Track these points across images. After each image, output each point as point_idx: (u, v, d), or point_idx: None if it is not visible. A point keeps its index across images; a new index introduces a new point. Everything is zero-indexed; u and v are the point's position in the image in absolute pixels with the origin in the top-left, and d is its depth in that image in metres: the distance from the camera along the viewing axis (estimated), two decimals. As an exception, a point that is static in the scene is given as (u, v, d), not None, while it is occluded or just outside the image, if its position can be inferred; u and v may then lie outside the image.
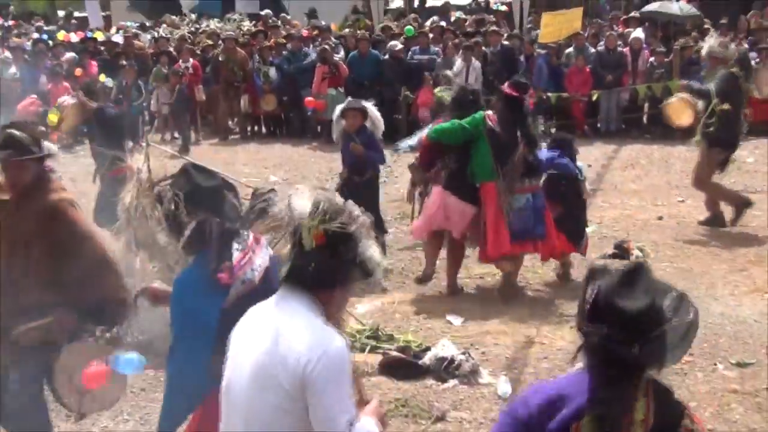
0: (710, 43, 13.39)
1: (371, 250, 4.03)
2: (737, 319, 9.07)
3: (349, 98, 11.42)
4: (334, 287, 3.99)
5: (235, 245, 5.07)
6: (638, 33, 19.99)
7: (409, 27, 21.93)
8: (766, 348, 8.27)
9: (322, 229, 3.89)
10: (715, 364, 7.97)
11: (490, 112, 9.86)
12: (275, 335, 3.86)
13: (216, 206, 5.22)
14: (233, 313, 4.61)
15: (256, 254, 5.16)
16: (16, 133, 5.64)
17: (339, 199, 4.08)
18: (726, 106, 11.80)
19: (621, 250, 11.11)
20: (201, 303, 4.95)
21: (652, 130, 18.84)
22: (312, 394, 3.73)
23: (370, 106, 11.01)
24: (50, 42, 23.82)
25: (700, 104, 12.18)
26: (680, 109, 12.68)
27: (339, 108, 11.04)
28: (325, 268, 3.92)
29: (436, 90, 13.97)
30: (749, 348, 8.30)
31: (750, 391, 7.43)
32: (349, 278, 4.04)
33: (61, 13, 33.00)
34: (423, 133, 10.85)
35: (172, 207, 5.07)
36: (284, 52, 20.79)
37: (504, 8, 26.07)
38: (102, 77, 20.54)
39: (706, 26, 20.23)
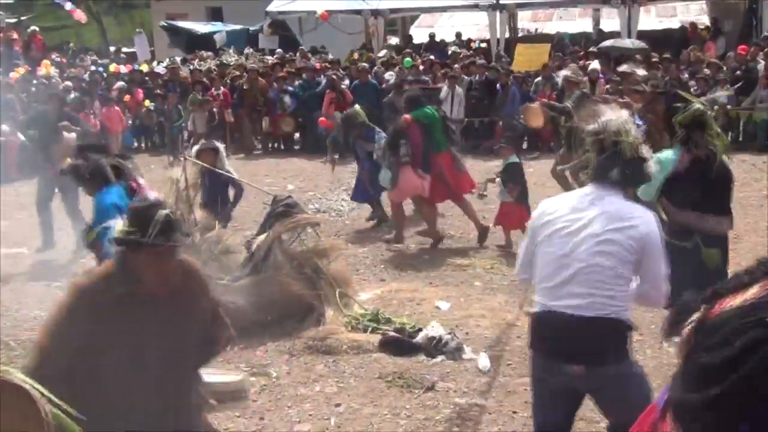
0: (565, 71, 14.90)
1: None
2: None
3: (203, 141, 11.36)
4: (635, 185, 4.90)
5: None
6: (595, 65, 19.99)
7: (407, 59, 21.99)
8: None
9: (636, 143, 4.54)
10: (662, 342, 7.93)
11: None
12: (611, 216, 4.40)
13: (101, 149, 6.44)
14: None
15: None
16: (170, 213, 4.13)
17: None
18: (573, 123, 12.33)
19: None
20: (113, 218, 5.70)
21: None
22: (649, 255, 4.37)
23: (221, 146, 10.91)
24: (104, 73, 23.88)
25: (561, 119, 13.27)
26: (534, 113, 14.09)
27: (195, 149, 10.82)
28: (637, 172, 4.58)
29: (356, 106, 13.90)
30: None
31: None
32: (641, 179, 4.76)
33: (112, 49, 32.99)
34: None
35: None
36: (300, 81, 20.94)
37: (483, 45, 26.11)
38: (147, 102, 20.69)
39: (654, 59, 20.21)
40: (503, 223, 11.35)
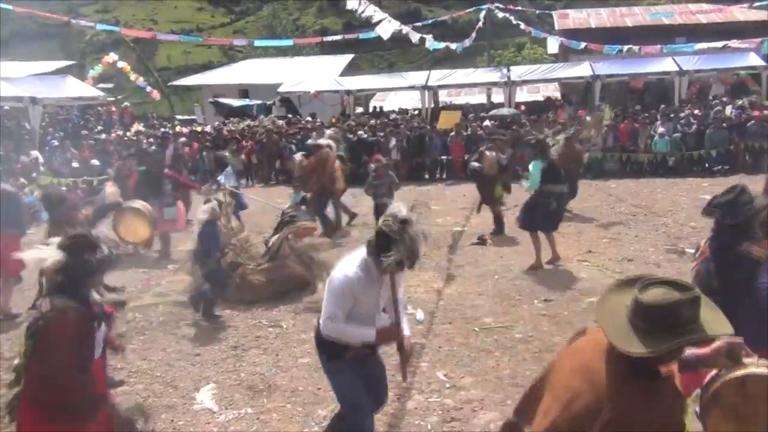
0: (328, 132, 14.26)
1: (412, 246, 3.71)
2: (546, 272, 8.95)
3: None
4: (378, 257, 3.73)
5: None
6: (487, 123, 20.16)
7: (373, 120, 22.11)
8: (563, 288, 8.28)
9: (382, 225, 3.74)
10: (534, 300, 7.99)
11: None
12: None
13: None
14: None
15: None
16: None
17: (404, 209, 3.79)
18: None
19: (481, 240, 11.12)
20: None
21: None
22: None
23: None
24: (171, 132, 23.62)
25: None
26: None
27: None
28: (377, 244, 3.74)
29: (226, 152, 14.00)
30: (553, 290, 8.29)
31: (552, 314, 7.44)
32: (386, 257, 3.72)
33: (179, 117, 32.79)
34: None
35: None
36: (299, 137, 20.82)
37: (417, 112, 26.18)
38: (202, 153, 20.46)
39: (523, 120, 20.41)
40: None
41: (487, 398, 5.50)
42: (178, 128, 24.83)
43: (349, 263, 3.88)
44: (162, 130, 24.45)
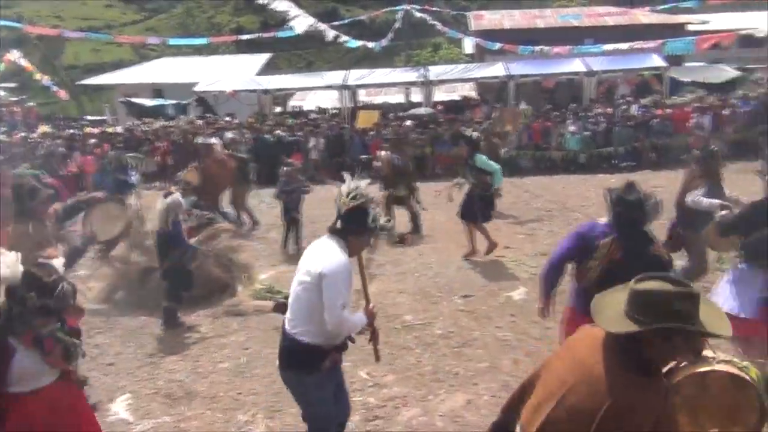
0: (229, 135, 14.44)
1: (377, 218, 3.82)
2: (465, 269, 9.20)
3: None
4: (353, 236, 3.79)
5: None
6: (408, 122, 20.31)
7: (291, 119, 21.85)
8: (481, 284, 8.44)
9: (351, 203, 3.75)
10: (453, 297, 8.11)
11: None
12: (313, 256, 3.76)
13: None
14: None
15: None
16: None
17: (364, 187, 3.86)
18: None
19: (401, 239, 11.14)
20: None
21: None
22: (324, 288, 3.62)
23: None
24: (80, 133, 22.64)
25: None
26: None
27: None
28: (349, 224, 3.78)
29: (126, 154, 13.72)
30: (472, 286, 8.45)
31: (471, 310, 7.57)
32: (362, 232, 3.81)
33: (88, 117, 31.50)
34: None
35: None
36: (216, 135, 20.35)
37: (336, 111, 26.11)
38: (110, 153, 19.69)
39: (440, 120, 20.68)
40: None
41: (409, 395, 5.55)
42: (87, 129, 23.86)
43: (329, 251, 3.73)
44: (69, 131, 23.42)
